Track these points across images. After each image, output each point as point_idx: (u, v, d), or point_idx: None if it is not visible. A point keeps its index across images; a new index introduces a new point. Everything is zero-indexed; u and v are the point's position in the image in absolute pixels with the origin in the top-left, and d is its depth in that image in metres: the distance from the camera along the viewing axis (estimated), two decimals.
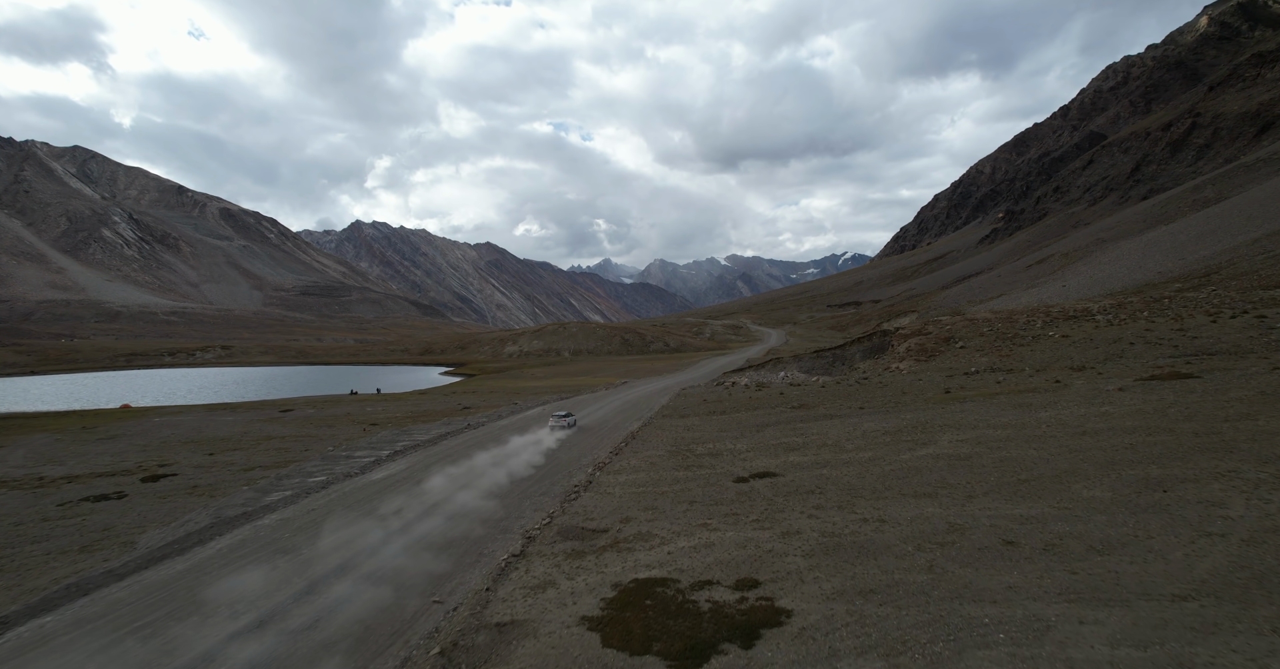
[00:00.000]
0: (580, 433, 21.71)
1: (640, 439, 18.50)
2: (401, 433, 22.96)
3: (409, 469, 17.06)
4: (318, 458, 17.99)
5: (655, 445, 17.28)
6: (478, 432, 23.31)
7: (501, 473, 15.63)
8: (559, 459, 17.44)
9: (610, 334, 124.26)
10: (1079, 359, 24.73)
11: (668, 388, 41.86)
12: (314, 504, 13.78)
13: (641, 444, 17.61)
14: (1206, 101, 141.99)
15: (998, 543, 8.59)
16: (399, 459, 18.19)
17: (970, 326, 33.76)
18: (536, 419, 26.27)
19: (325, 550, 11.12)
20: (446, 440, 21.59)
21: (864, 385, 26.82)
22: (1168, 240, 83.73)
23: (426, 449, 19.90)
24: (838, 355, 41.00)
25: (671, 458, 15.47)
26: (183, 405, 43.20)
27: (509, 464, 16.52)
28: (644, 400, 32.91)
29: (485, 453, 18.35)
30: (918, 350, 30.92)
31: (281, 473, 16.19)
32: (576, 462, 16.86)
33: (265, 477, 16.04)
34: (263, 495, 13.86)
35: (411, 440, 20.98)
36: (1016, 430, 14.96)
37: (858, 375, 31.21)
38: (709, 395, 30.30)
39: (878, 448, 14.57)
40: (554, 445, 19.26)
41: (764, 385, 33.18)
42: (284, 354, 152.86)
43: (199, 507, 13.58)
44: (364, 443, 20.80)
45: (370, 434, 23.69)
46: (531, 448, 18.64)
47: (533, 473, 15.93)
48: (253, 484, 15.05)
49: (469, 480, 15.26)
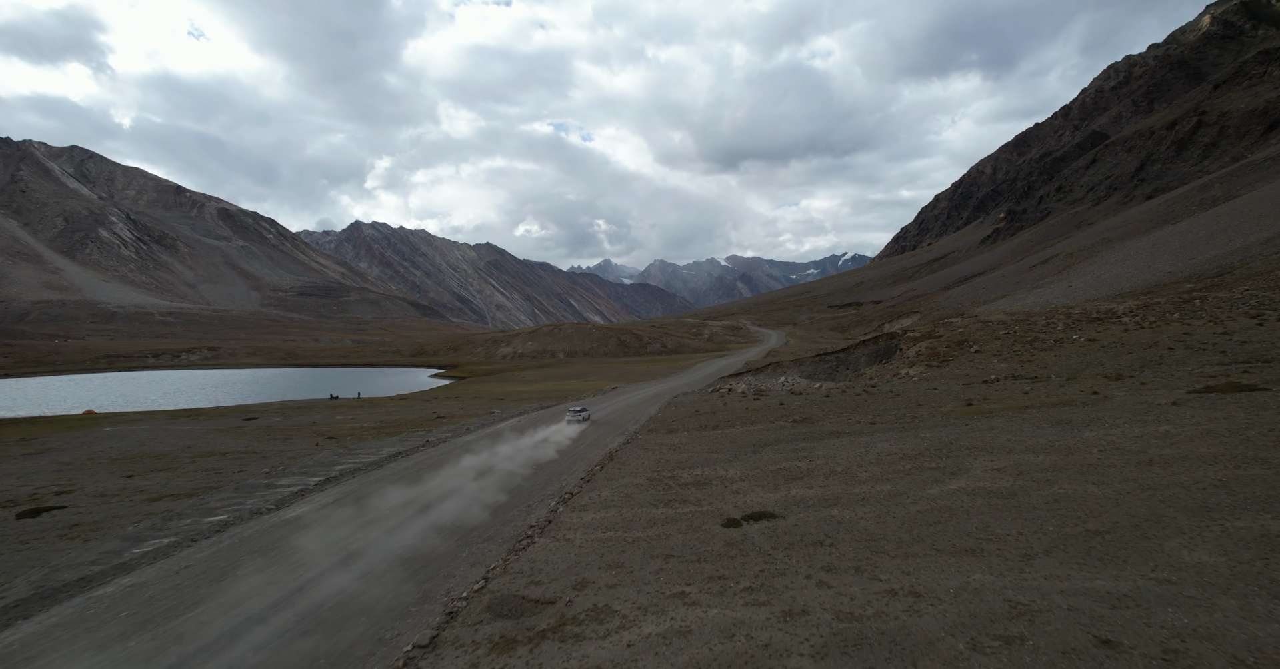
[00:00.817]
0: (554, 453, 19.17)
1: (618, 461, 16.02)
2: (345, 452, 20.02)
3: (335, 502, 14.36)
4: (231, 488, 15.31)
5: (634, 470, 14.82)
6: (435, 450, 20.36)
7: (447, 508, 13.10)
8: (520, 489, 14.97)
9: (606, 335, 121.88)
10: (1112, 366, 22.32)
11: (659, 395, 39.40)
12: (192, 558, 10.75)
13: (619, 468, 15.14)
14: (1212, 100, 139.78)
15: (1089, 642, 6.10)
16: (329, 488, 15.34)
17: (985, 329, 31.36)
18: (509, 432, 23.76)
19: (145, 651, 7.95)
20: (395, 462, 18.61)
21: (873, 395, 24.34)
22: (1176, 239, 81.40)
23: (365, 475, 17.00)
24: (841, 359, 38.53)
25: (651, 488, 13.00)
26: (147, 412, 40.71)
27: (461, 494, 14.01)
28: (632, 410, 30.36)
29: (436, 478, 15.86)
30: (929, 355, 28.53)
31: (183, 507, 13.60)
32: (540, 491, 14.30)
33: (168, 510, 13.51)
34: (132, 545, 10.71)
35: (354, 462, 18.06)
36: (1063, 456, 12.48)
37: (864, 382, 28.80)
38: (702, 405, 27.81)
39: (897, 478, 12.09)
40: (517, 468, 16.75)
41: (762, 393, 30.79)
42: (273, 356, 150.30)
43: (44, 562, 10.65)
44: (297, 467, 17.87)
45: (321, 450, 21.18)
46: (490, 474, 16.15)
47: (484, 509, 13.37)
48: (143, 522, 12.49)
49: (401, 521, 12.63)
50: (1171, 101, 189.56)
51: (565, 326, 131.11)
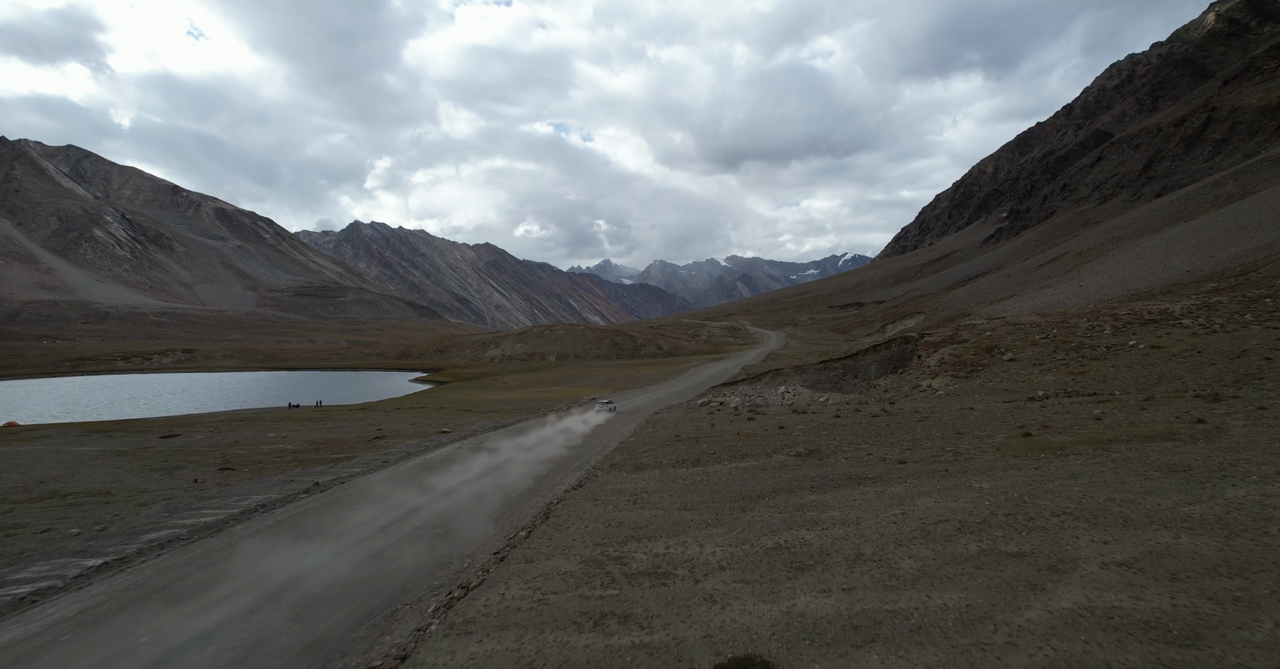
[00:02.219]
0: (481, 504, 14.21)
1: (555, 523, 11.54)
2: (209, 497, 14.29)
3: (121, 594, 9.28)
4: None
5: (571, 541, 10.38)
6: (311, 501, 14.59)
7: (276, 612, 8.53)
8: (399, 568, 10.29)
9: (600, 337, 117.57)
10: (1196, 381, 18.17)
11: (641, 408, 35.09)
12: None
13: (550, 538, 10.67)
14: (1222, 96, 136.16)
15: None
16: (131, 566, 10.22)
17: (1016, 333, 27.08)
18: (440, 464, 19.20)
19: None
20: (232, 526, 12.52)
21: (894, 416, 19.98)
22: (1193, 237, 77.40)
23: (180, 550, 11.04)
24: (850, 366, 34.26)
25: (583, 583, 8.58)
26: (63, 425, 36.32)
27: (306, 582, 9.47)
28: (603, 431, 26.01)
29: (290, 548, 11.29)
30: (954, 363, 24.40)
31: None
32: (413, 587, 8.91)
33: None
34: None
35: (179, 526, 12.12)
36: (1222, 536, 7.94)
37: (879, 396, 24.56)
38: (684, 427, 23.42)
39: (963, 578, 7.60)
40: (413, 531, 12.00)
41: (759, 410, 26.58)
42: (251, 358, 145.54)
43: None
44: (118, 527, 12.02)
45: (198, 488, 16.67)
46: (377, 538, 11.62)
47: (331, 610, 8.66)
48: None
49: (160, 652, 7.37)
50: (1177, 99, 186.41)
51: (557, 328, 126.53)
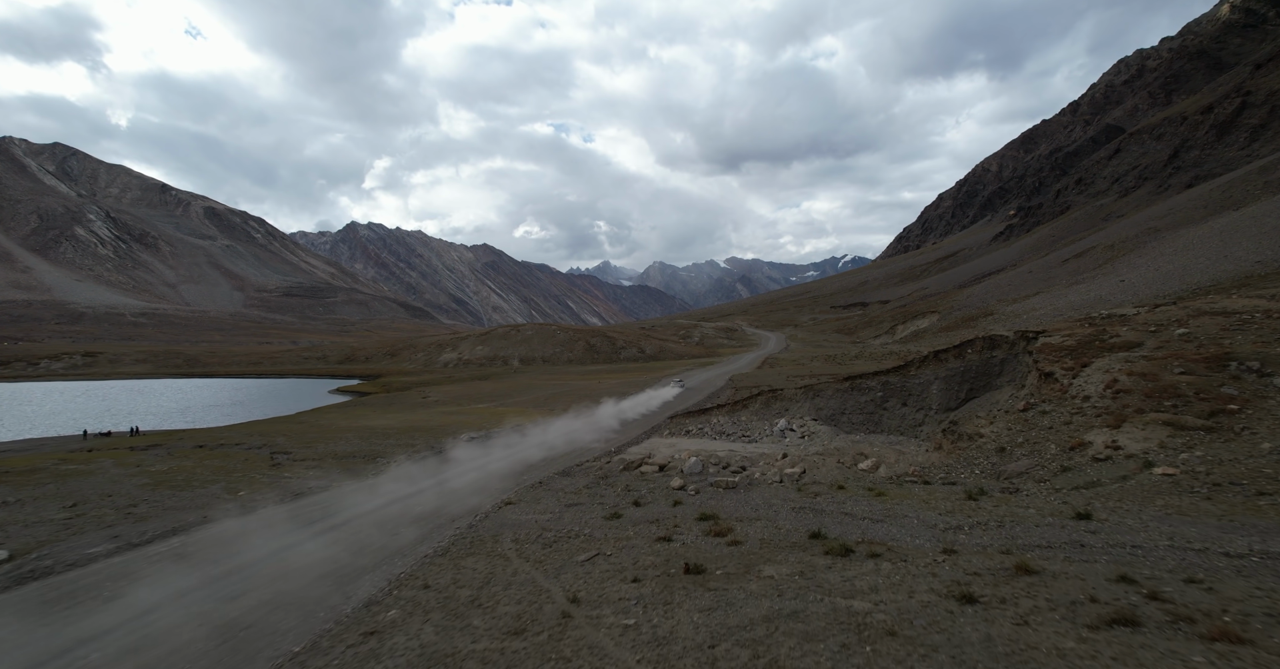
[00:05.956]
0: None
1: None
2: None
3: None
4: None
5: None
6: None
7: None
8: None
9: (573, 339, 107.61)
10: None
11: (528, 466, 21.07)
12: None
13: None
14: (1255, 80, 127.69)
15: None
16: None
17: (1235, 324, 16.96)
18: None
19: None
20: None
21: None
22: (1251, 226, 68.96)
23: None
24: (893, 387, 22.96)
25: None
26: None
27: None
28: (382, 533, 13.33)
29: None
30: (1152, 394, 12.09)
31: None
32: None
33: None
34: None
35: None
36: None
37: (989, 462, 12.72)
38: (550, 557, 10.80)
39: None
40: None
41: (731, 488, 16.05)
42: (165, 363, 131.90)
43: None
44: None
45: None
46: None
47: None
48: None
49: None
50: (1193, 91, 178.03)
51: (524, 328, 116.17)
